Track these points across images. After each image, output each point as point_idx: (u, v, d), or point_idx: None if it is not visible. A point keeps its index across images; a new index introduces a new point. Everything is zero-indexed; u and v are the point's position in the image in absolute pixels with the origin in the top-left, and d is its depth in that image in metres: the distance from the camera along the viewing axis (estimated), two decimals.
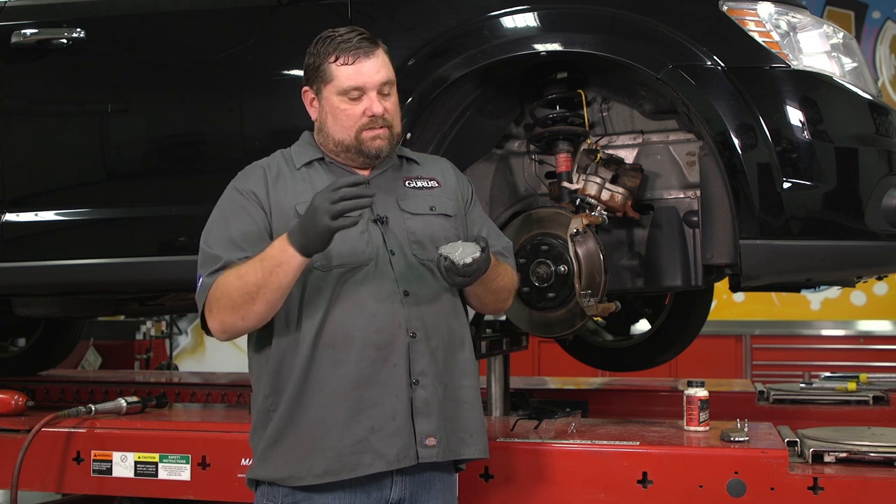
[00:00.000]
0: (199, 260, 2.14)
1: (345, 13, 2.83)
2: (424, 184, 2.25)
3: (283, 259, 1.98)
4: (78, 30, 3.13)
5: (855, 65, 2.73)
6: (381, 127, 2.15)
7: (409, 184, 2.24)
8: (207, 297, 2.08)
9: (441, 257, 2.04)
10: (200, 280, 2.11)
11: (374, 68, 2.14)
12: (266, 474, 2.11)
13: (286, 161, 2.22)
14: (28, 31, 3.17)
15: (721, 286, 3.56)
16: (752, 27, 2.62)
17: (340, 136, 2.17)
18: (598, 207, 2.82)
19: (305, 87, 2.23)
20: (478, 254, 2.02)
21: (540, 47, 2.72)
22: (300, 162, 2.21)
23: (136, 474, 2.90)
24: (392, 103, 2.18)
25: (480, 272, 2.07)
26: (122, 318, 7.10)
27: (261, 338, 2.15)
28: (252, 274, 2.00)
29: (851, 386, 3.89)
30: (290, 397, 2.09)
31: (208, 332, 2.13)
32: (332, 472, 2.05)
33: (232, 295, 2.02)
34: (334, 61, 2.15)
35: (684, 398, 2.79)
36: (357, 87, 2.14)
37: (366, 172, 2.22)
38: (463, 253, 2.02)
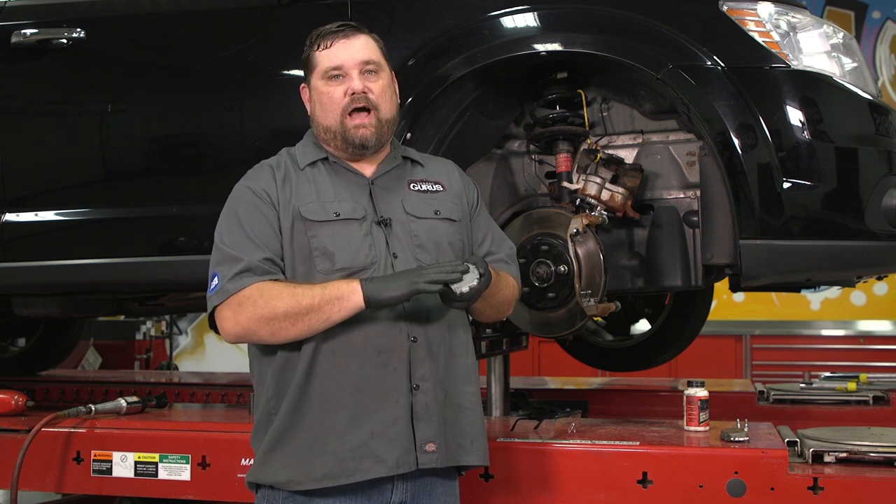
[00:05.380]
0: (216, 258, 2.11)
1: (345, 13, 2.83)
2: (429, 187, 2.24)
3: (345, 293, 2.00)
4: (78, 30, 3.13)
5: (855, 65, 2.73)
6: (364, 109, 2.14)
7: (413, 186, 2.23)
8: (237, 297, 2.04)
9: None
10: (217, 279, 2.08)
11: (353, 48, 2.15)
12: (266, 478, 2.11)
13: (291, 161, 2.22)
14: (28, 31, 3.17)
15: (721, 286, 3.56)
16: (752, 27, 2.62)
17: (327, 121, 2.17)
18: (598, 207, 2.82)
19: (302, 84, 2.25)
20: (475, 282, 2.02)
21: (540, 47, 2.72)
22: (304, 162, 2.20)
23: (136, 474, 2.90)
24: (378, 85, 2.16)
25: (479, 294, 2.05)
26: (122, 318, 7.11)
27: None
28: (308, 296, 2.00)
29: (851, 386, 3.89)
30: (292, 401, 2.08)
31: (215, 330, 2.12)
32: (332, 476, 2.04)
33: (277, 308, 2.01)
34: (317, 49, 2.18)
35: (684, 398, 2.79)
36: (336, 67, 2.14)
37: (369, 171, 2.21)
38: (461, 282, 2.02)
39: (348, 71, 2.14)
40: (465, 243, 2.23)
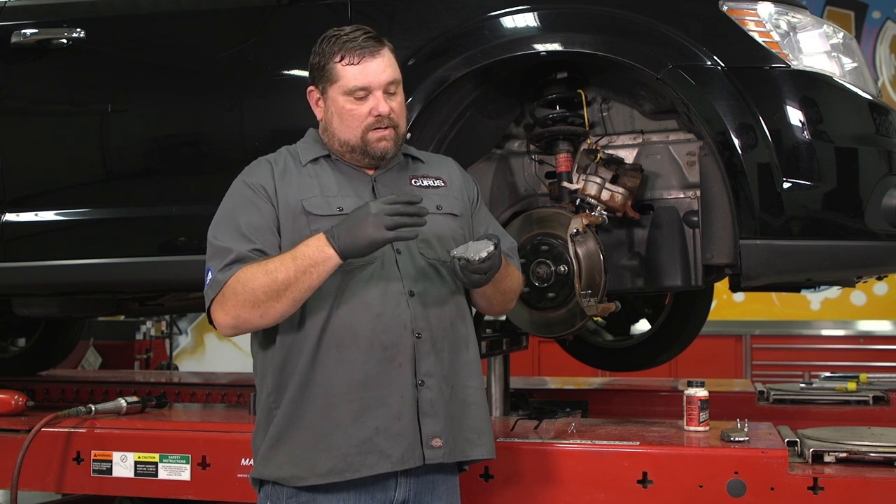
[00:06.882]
0: (208, 253, 2.12)
1: (345, 13, 2.83)
2: (431, 182, 2.26)
3: (319, 259, 1.99)
4: (78, 30, 3.13)
5: (855, 65, 2.73)
6: (386, 127, 2.15)
7: (415, 182, 2.24)
8: (222, 290, 2.05)
9: (455, 259, 2.04)
10: (210, 273, 2.09)
11: (379, 68, 2.14)
12: (270, 473, 2.11)
13: (292, 157, 2.22)
14: (28, 31, 3.17)
15: (721, 286, 3.56)
16: (752, 27, 2.62)
17: (346, 136, 2.17)
18: (598, 207, 2.82)
19: (311, 87, 2.23)
20: (492, 248, 2.03)
21: (540, 47, 2.72)
22: (306, 158, 2.20)
23: (136, 474, 2.90)
24: (398, 103, 2.18)
25: (495, 269, 2.07)
26: (122, 318, 7.11)
27: (266, 336, 2.15)
28: (282, 271, 1.99)
29: (851, 386, 3.89)
30: (293, 395, 2.08)
31: (213, 325, 2.12)
32: (337, 471, 2.04)
33: (256, 290, 2.01)
34: (339, 61, 2.14)
35: (684, 398, 2.80)
36: (363, 87, 2.13)
37: (371, 171, 2.22)
38: (476, 249, 2.02)
39: (373, 91, 2.14)
40: (466, 238, 2.24)
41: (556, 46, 2.71)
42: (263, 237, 2.09)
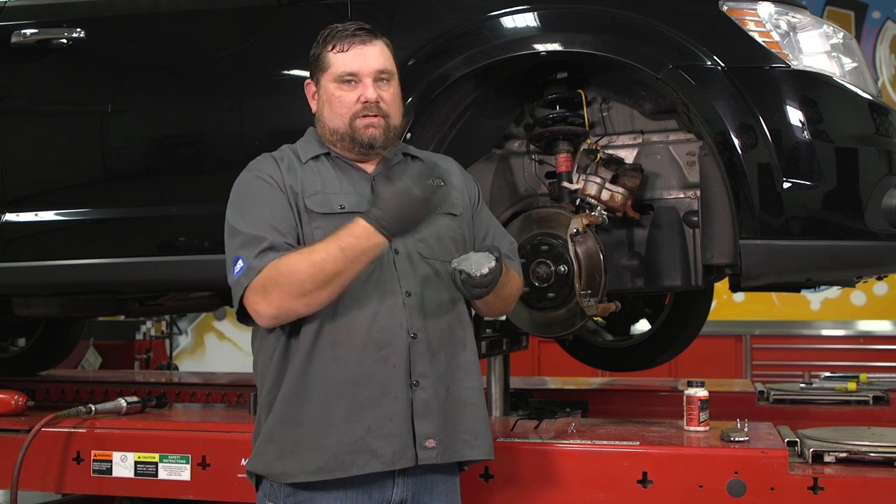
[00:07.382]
0: (237, 242, 2.08)
1: (344, 13, 2.83)
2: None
3: (369, 246, 1.97)
4: (78, 30, 3.13)
5: (855, 65, 2.73)
6: (375, 115, 2.15)
7: None
8: (260, 278, 2.01)
9: (456, 271, 2.04)
10: (242, 261, 2.04)
11: (370, 55, 2.15)
12: (262, 468, 2.11)
13: (294, 154, 2.22)
14: (28, 31, 3.17)
15: (721, 286, 3.56)
16: (752, 27, 2.62)
17: (335, 123, 2.17)
18: (598, 207, 2.82)
19: (308, 80, 2.25)
20: (493, 263, 2.03)
21: (540, 47, 2.72)
22: (307, 156, 2.20)
23: (136, 474, 2.90)
24: (390, 94, 2.17)
25: (496, 281, 2.06)
26: (122, 318, 7.11)
27: (266, 334, 2.14)
28: (330, 262, 1.97)
29: (851, 386, 3.89)
30: (288, 392, 2.08)
31: (244, 317, 2.09)
32: (328, 470, 2.04)
33: (303, 282, 1.98)
34: (331, 49, 2.17)
35: (684, 398, 2.80)
36: (351, 73, 2.14)
37: (370, 168, 2.22)
38: (478, 264, 2.03)
39: (362, 78, 2.14)
40: (466, 237, 2.25)
41: (556, 46, 2.71)
42: (289, 226, 2.09)
